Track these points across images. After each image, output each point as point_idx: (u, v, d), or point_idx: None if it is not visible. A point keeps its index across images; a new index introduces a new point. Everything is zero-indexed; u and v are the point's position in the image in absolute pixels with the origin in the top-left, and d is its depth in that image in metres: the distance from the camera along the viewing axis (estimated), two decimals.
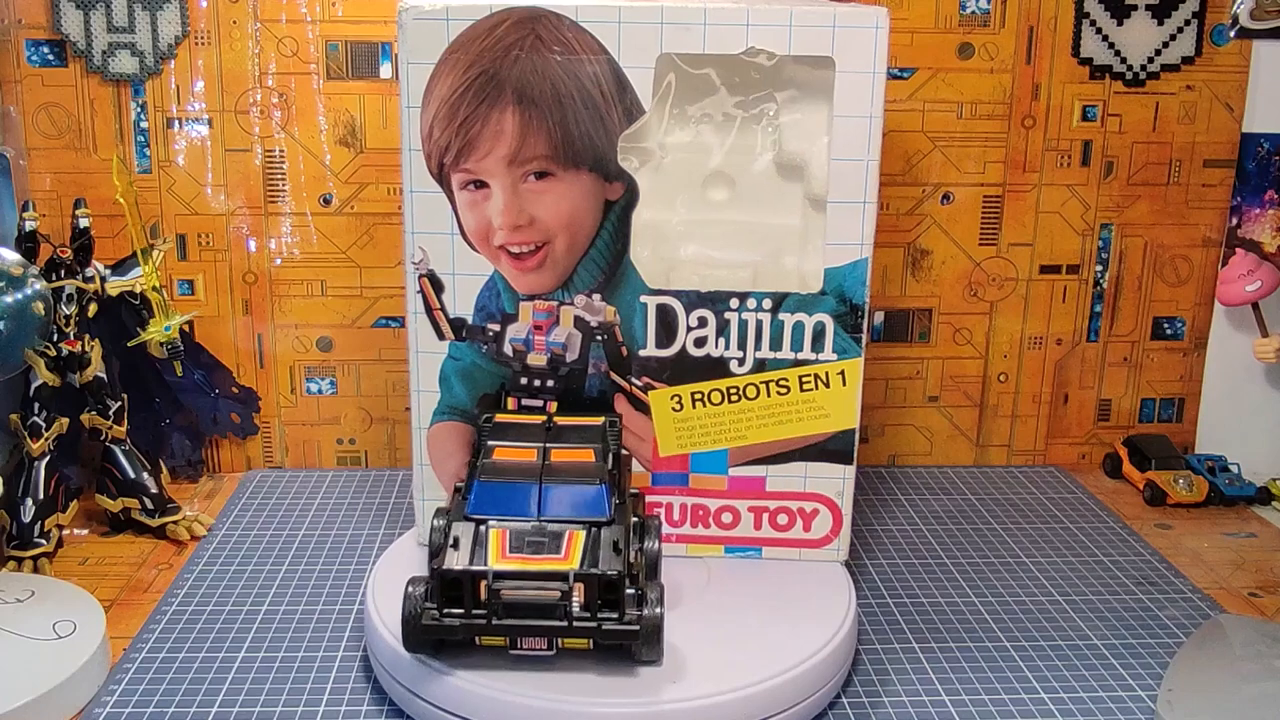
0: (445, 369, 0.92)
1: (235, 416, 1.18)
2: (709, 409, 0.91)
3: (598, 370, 0.91)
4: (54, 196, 1.13)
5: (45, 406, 1.02)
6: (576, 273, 0.89)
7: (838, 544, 0.94)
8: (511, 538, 0.78)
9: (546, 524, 0.79)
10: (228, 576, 0.99)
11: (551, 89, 0.84)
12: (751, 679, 0.77)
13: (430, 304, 0.90)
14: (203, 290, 1.17)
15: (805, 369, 0.90)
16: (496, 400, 0.92)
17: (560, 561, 0.76)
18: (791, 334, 0.89)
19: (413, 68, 0.85)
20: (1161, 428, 1.28)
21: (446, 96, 0.85)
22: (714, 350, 0.90)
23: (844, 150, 0.87)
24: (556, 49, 0.83)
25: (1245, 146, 1.20)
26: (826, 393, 0.90)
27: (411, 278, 0.89)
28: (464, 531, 0.78)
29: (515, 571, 0.75)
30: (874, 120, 0.86)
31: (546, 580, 0.75)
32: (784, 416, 0.91)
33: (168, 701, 0.81)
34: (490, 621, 0.75)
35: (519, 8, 0.83)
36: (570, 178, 0.87)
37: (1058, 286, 1.24)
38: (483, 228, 0.88)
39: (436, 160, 0.87)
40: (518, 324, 0.90)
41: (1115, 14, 1.17)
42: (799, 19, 0.84)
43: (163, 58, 1.12)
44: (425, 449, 0.94)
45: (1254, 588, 1.01)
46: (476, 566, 0.75)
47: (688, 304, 0.89)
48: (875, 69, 0.85)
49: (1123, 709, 0.82)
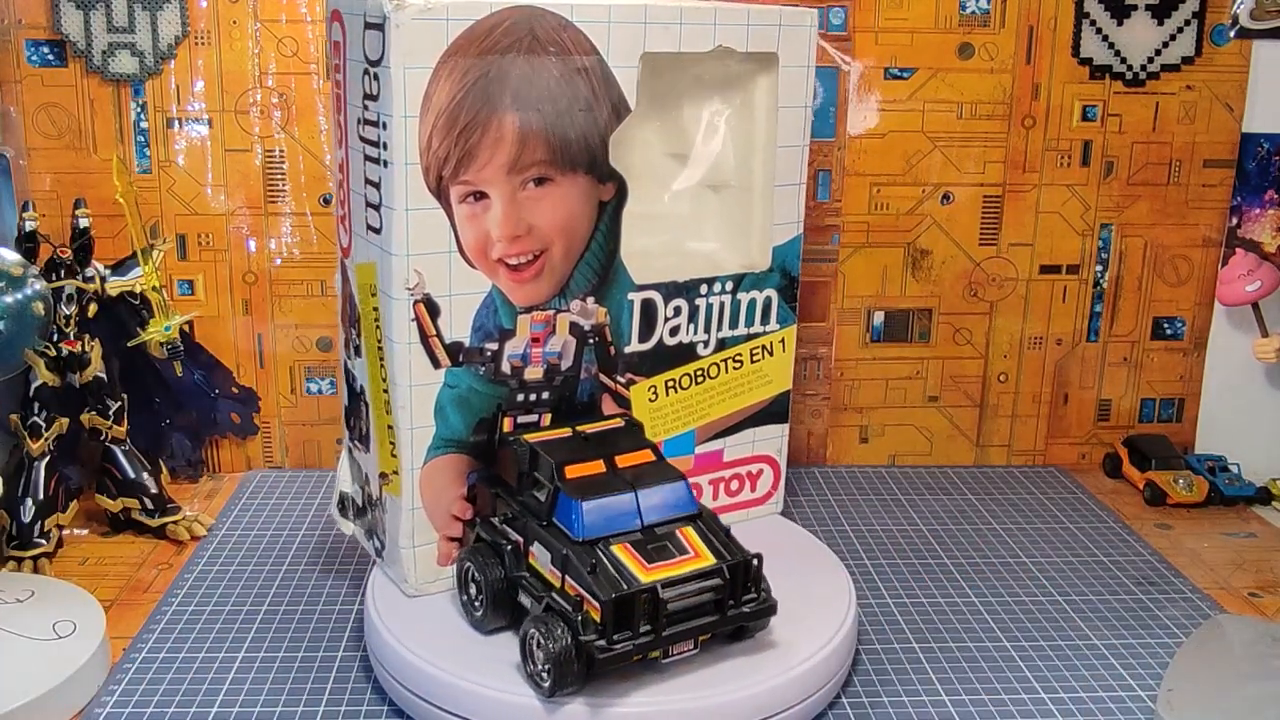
0: (441, 399, 0.84)
1: (235, 416, 1.18)
2: (680, 394, 0.94)
3: (589, 374, 0.89)
4: (54, 196, 1.13)
5: (45, 406, 1.02)
6: (573, 278, 0.87)
7: (777, 497, 1.03)
8: (638, 549, 0.77)
9: (654, 529, 0.79)
10: (228, 576, 0.99)
11: (548, 91, 0.81)
12: (751, 679, 0.77)
13: (425, 331, 0.82)
14: (203, 290, 1.17)
15: (755, 341, 0.97)
16: (493, 423, 0.86)
17: (700, 559, 0.77)
18: (746, 311, 0.95)
19: (409, 73, 0.77)
20: (1161, 428, 1.28)
21: (445, 104, 0.78)
22: (685, 337, 0.93)
23: (786, 138, 0.94)
24: (552, 49, 0.81)
25: (1245, 146, 1.20)
26: (771, 360, 0.98)
27: (404, 305, 0.81)
28: (592, 557, 0.75)
29: (674, 579, 0.75)
30: (807, 110, 0.95)
31: (703, 580, 0.76)
32: (739, 389, 0.97)
33: (168, 701, 0.81)
34: (660, 635, 0.74)
35: (518, 6, 0.80)
36: (568, 182, 0.84)
37: (1058, 286, 1.24)
38: (481, 241, 0.82)
39: (435, 173, 0.80)
40: (515, 339, 0.86)
41: (1115, 14, 1.17)
42: (754, 18, 0.89)
43: (163, 58, 1.11)
44: (418, 491, 0.85)
45: (1254, 588, 1.01)
46: (644, 584, 0.74)
47: (666, 295, 0.91)
48: (809, 63, 0.94)
49: (1123, 709, 0.82)
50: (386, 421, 0.85)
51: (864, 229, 1.20)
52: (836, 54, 1.16)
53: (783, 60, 0.92)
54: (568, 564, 0.75)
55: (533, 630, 0.74)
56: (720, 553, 0.78)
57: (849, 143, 1.18)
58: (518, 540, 0.80)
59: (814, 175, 1.18)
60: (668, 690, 0.76)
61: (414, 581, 0.87)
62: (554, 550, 0.77)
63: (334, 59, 0.85)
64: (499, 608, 0.80)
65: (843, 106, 1.17)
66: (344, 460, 0.94)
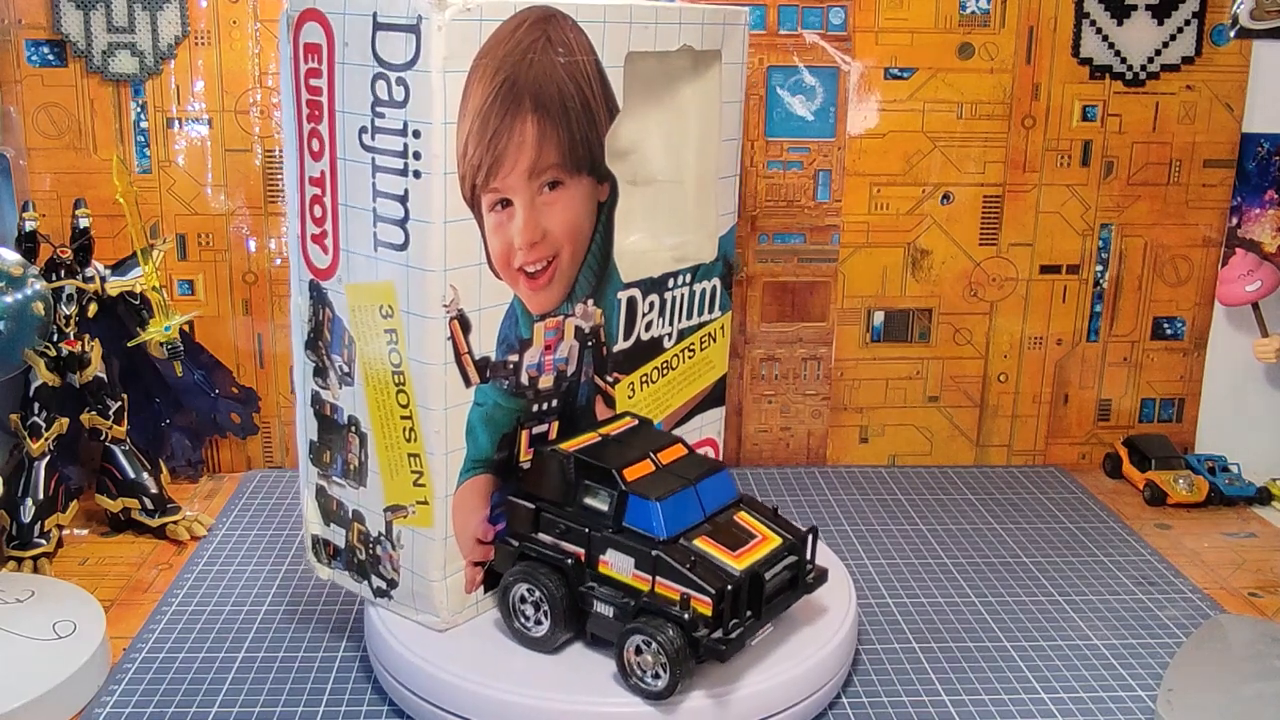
0: (471, 419, 0.80)
1: (235, 416, 1.18)
2: (651, 388, 0.95)
3: (587, 377, 0.89)
4: (54, 196, 1.13)
5: (45, 406, 1.02)
6: (577, 281, 0.85)
7: None
8: (716, 539, 0.78)
9: (714, 518, 0.80)
10: (228, 576, 0.99)
11: (558, 92, 0.80)
12: (752, 679, 0.77)
13: (459, 349, 0.78)
14: (203, 290, 1.17)
15: (703, 330, 0.98)
16: (514, 438, 0.83)
17: (769, 539, 0.79)
18: (699, 301, 0.97)
19: (449, 77, 0.72)
20: (1161, 428, 1.28)
21: (479, 109, 0.75)
22: (656, 331, 0.93)
23: (728, 131, 0.96)
24: (561, 50, 0.80)
25: (1245, 146, 1.20)
26: (714, 346, 1.00)
27: (439, 324, 0.76)
28: (687, 553, 0.76)
29: (760, 561, 0.77)
30: (740, 105, 0.98)
31: (786, 558, 0.79)
32: (693, 377, 0.99)
33: (168, 701, 0.81)
34: (760, 618, 0.76)
35: (536, 7, 0.77)
36: (575, 185, 0.83)
37: (1058, 286, 1.24)
38: (505, 250, 0.79)
39: (470, 181, 0.75)
40: (531, 349, 0.83)
41: (1115, 14, 1.17)
42: (707, 17, 0.91)
43: (163, 58, 1.12)
44: (450, 518, 0.81)
45: (1254, 588, 1.01)
46: (742, 571, 0.75)
47: (644, 291, 0.91)
48: (744, 59, 0.96)
49: (1123, 709, 0.82)
50: (406, 450, 0.80)
51: (864, 229, 1.20)
52: (837, 54, 1.16)
53: (725, 57, 0.93)
54: (659, 565, 0.75)
55: (636, 638, 0.74)
56: (780, 531, 0.80)
57: (849, 143, 1.18)
58: (576, 552, 0.79)
59: (814, 175, 1.18)
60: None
61: (446, 615, 0.82)
62: (637, 554, 0.76)
63: (309, 63, 0.78)
64: (568, 623, 0.79)
65: (843, 106, 1.17)
66: (309, 502, 0.87)
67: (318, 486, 0.86)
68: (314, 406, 0.84)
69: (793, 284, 1.21)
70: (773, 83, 1.16)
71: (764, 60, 1.15)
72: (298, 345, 0.85)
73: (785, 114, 1.17)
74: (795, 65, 1.16)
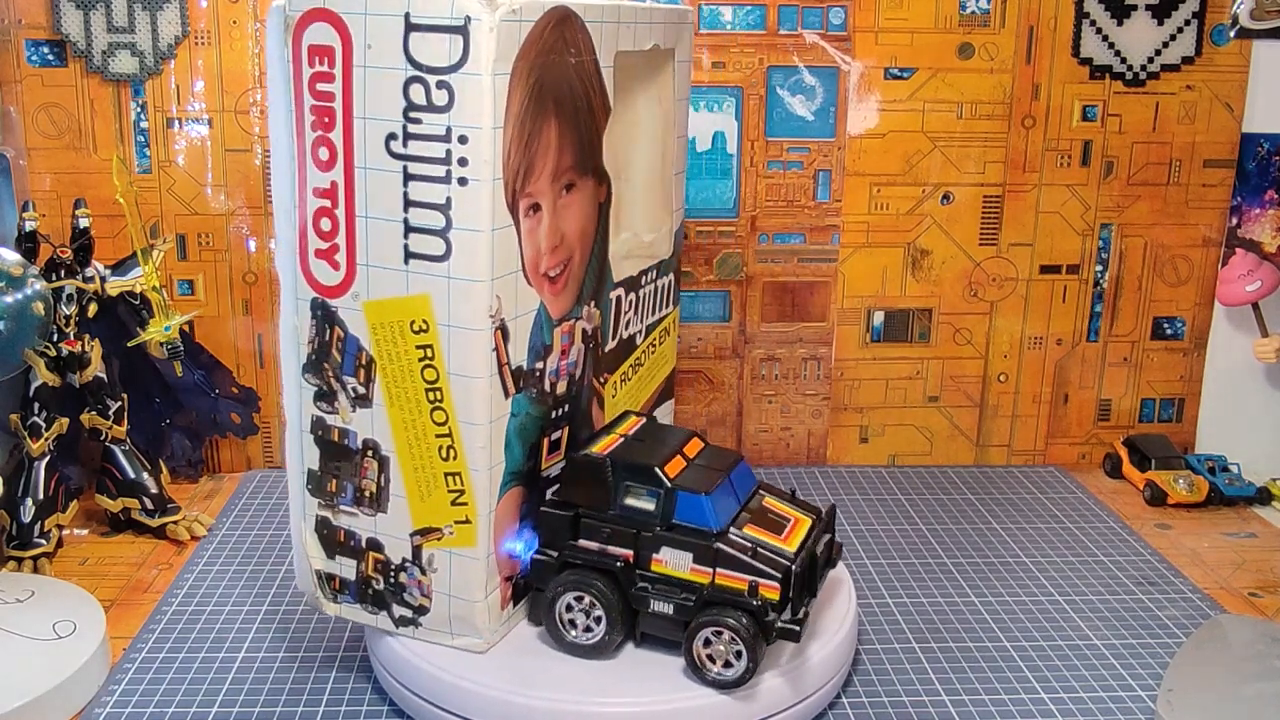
0: (509, 431, 0.77)
1: (235, 416, 1.18)
2: (627, 385, 0.95)
3: (588, 380, 0.88)
4: (54, 196, 1.13)
5: (45, 406, 1.02)
6: (584, 283, 0.85)
7: None
8: (760, 525, 0.80)
9: (748, 505, 0.82)
10: (228, 576, 0.99)
11: (570, 93, 0.79)
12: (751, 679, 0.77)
13: (500, 359, 0.75)
14: (203, 290, 1.17)
15: (660, 325, 0.99)
16: (538, 446, 0.82)
17: (801, 520, 0.82)
18: (660, 296, 0.98)
19: (498, 80, 0.69)
20: (1161, 428, 1.28)
21: (518, 112, 0.72)
22: (631, 329, 0.94)
23: (681, 128, 0.98)
24: (572, 51, 0.79)
25: (1245, 146, 1.20)
26: (668, 339, 1.02)
27: (484, 336, 0.73)
28: (744, 542, 0.77)
29: (805, 541, 0.79)
30: (687, 101, 0.99)
31: (823, 537, 0.82)
32: (655, 370, 1.00)
33: (168, 701, 0.81)
34: (815, 595, 0.79)
35: (559, 7, 0.75)
36: (584, 186, 0.82)
37: (1058, 286, 1.24)
38: (535, 256, 0.77)
39: (511, 187, 0.73)
40: (552, 355, 0.81)
41: (1115, 14, 1.17)
42: (670, 16, 0.92)
43: (163, 58, 1.12)
44: (493, 536, 0.78)
45: (1254, 588, 1.01)
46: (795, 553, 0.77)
47: (627, 289, 0.91)
48: (690, 57, 0.98)
49: (1123, 709, 0.82)
50: (443, 470, 0.76)
51: (864, 229, 1.20)
52: (837, 54, 1.16)
53: (677, 56, 0.94)
54: (719, 556, 0.76)
55: (705, 630, 0.76)
56: (806, 512, 0.83)
57: (849, 143, 1.18)
58: (625, 554, 0.78)
59: (814, 175, 1.18)
60: (668, 690, 0.76)
61: (489, 635, 0.79)
62: (695, 549, 0.77)
63: (317, 67, 0.73)
64: (624, 626, 0.79)
65: (843, 106, 1.17)
66: (308, 538, 0.82)
67: (319, 518, 0.81)
68: (316, 433, 0.79)
69: (793, 284, 1.21)
70: (773, 83, 1.16)
71: (764, 60, 1.15)
72: (290, 369, 0.79)
73: (785, 114, 1.17)
74: (795, 65, 1.16)
